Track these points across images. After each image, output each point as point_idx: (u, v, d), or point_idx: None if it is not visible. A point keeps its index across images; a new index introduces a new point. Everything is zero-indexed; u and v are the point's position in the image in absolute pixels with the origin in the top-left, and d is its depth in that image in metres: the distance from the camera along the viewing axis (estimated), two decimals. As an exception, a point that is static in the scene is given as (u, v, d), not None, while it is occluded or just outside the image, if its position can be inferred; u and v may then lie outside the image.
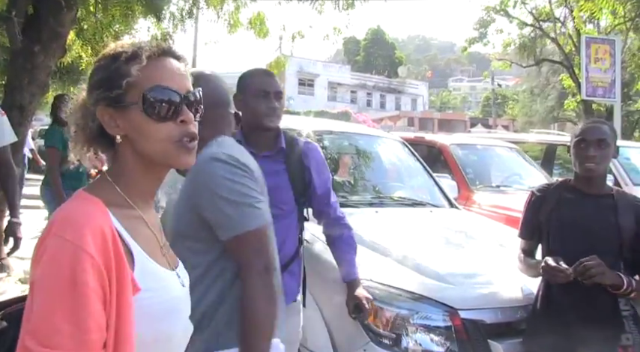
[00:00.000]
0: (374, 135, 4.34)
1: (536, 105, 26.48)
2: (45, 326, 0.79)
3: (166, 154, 0.98)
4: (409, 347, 2.15)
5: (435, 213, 3.45)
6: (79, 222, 0.88)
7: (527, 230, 2.33)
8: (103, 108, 0.98)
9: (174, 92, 0.98)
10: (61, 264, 0.83)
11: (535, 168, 5.79)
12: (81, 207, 0.93)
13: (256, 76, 2.13)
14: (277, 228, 2.03)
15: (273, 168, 2.09)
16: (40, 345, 0.78)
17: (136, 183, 1.02)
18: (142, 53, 0.98)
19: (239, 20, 7.20)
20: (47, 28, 5.14)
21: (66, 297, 0.81)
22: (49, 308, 0.80)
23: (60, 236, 0.85)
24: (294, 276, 2.16)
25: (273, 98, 2.06)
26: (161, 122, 0.97)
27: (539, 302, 2.19)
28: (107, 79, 0.98)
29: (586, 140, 2.12)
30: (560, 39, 15.70)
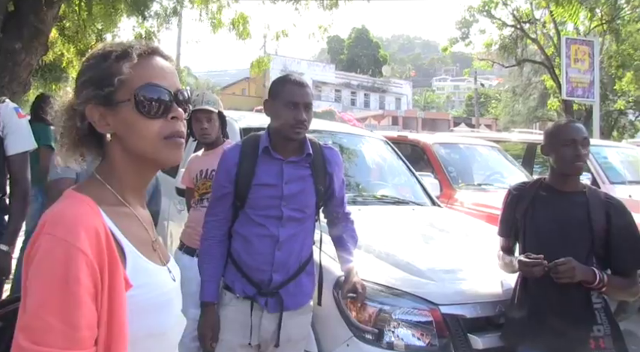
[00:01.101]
0: (357, 134, 4.39)
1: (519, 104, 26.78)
2: (37, 324, 0.81)
3: (156, 151, 0.99)
4: (391, 341, 2.19)
5: (417, 211, 3.51)
6: (71, 220, 0.88)
7: (505, 228, 2.39)
8: (93, 107, 0.99)
9: (166, 90, 1.00)
10: (54, 262, 0.84)
11: (516, 166, 5.88)
12: (72, 206, 0.93)
13: (288, 85, 2.12)
14: (300, 231, 2.14)
15: (299, 173, 2.14)
16: (33, 343, 0.79)
17: (126, 180, 1.02)
18: (132, 51, 0.99)
19: (221, 21, 7.17)
20: (28, 25, 5.08)
21: (58, 295, 0.82)
22: (42, 306, 0.81)
23: (52, 234, 0.86)
24: (310, 276, 2.21)
25: (302, 110, 2.06)
26: (152, 119, 0.98)
27: (516, 296, 2.25)
28: (98, 78, 0.98)
29: (575, 139, 2.17)
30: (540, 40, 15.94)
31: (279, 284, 2.10)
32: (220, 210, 2.18)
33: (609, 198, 2.22)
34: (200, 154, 2.90)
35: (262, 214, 2.10)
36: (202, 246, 2.21)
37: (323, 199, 2.22)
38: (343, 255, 2.28)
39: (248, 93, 40.54)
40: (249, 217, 2.12)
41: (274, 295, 2.10)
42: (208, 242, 2.18)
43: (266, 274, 2.09)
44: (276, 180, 2.11)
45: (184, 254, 2.77)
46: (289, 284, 2.13)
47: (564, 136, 2.20)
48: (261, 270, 2.09)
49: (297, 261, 2.15)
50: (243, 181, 2.10)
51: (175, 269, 1.13)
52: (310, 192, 2.16)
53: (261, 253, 2.09)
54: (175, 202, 3.78)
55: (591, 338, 2.06)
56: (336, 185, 2.26)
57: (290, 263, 2.13)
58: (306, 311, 2.22)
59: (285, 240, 2.10)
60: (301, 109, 2.06)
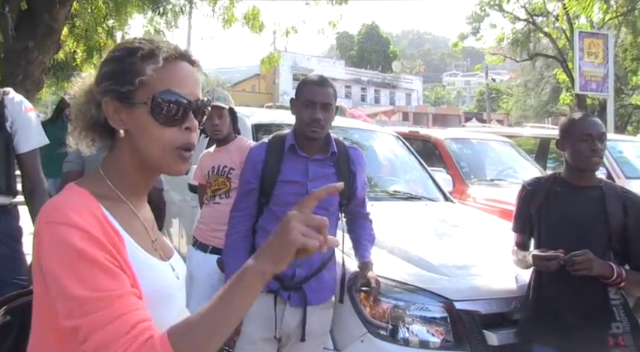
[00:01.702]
0: (369, 129, 4.37)
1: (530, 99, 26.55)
2: (68, 303, 0.83)
3: (163, 159, 0.98)
4: (406, 337, 2.18)
5: (430, 207, 3.48)
6: (69, 207, 0.89)
7: (519, 223, 2.36)
8: (110, 100, 0.97)
9: (184, 99, 0.97)
10: (60, 245, 0.85)
11: (529, 161, 5.83)
12: (69, 197, 0.94)
13: (308, 84, 2.17)
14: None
15: (324, 171, 2.19)
16: (74, 319, 0.82)
17: (127, 178, 1.01)
18: (159, 53, 0.97)
19: (234, 15, 7.19)
20: (41, 23, 5.12)
21: (70, 270, 0.83)
22: (63, 286, 0.83)
23: (49, 222, 0.87)
24: (332, 273, 2.25)
25: (318, 109, 2.09)
26: (166, 126, 0.96)
27: (531, 292, 2.22)
28: (119, 73, 0.97)
29: (592, 134, 2.14)
30: (553, 33, 15.76)
31: (302, 279, 2.14)
32: (245, 206, 2.22)
33: (626, 192, 2.19)
34: (212, 151, 2.90)
35: (287, 210, 2.09)
36: (227, 241, 2.25)
37: (346, 198, 2.23)
38: (359, 248, 2.29)
39: (258, 90, 40.62)
40: (273, 213, 2.16)
41: (297, 289, 2.14)
42: (233, 237, 2.22)
43: (289, 268, 2.11)
44: (301, 178, 2.15)
45: (197, 250, 2.78)
46: (312, 279, 2.16)
47: (581, 131, 2.16)
48: None
49: (319, 257, 2.18)
50: (269, 177, 2.15)
51: (179, 267, 1.12)
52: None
53: None
54: (187, 198, 3.79)
55: (610, 335, 2.03)
56: (358, 185, 2.29)
57: (313, 258, 2.15)
58: (328, 307, 2.25)
59: None
60: (317, 108, 2.09)
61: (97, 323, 0.81)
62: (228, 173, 2.71)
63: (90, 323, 0.81)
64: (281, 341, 2.16)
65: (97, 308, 0.81)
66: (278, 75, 36.38)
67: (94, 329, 0.81)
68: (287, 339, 2.17)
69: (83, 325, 0.81)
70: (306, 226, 0.85)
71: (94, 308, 0.81)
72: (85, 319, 0.81)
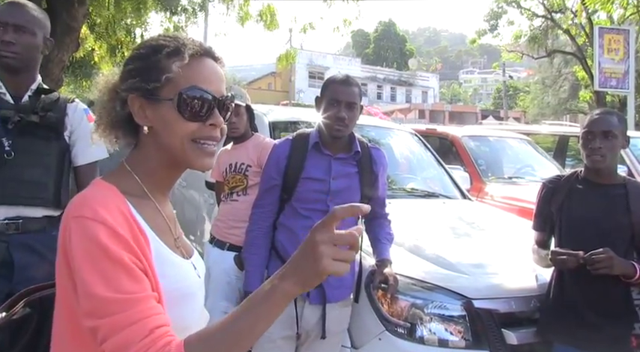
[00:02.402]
0: (386, 127, 4.35)
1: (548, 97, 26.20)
2: (90, 302, 0.83)
3: (187, 152, 0.98)
4: (424, 336, 2.17)
5: (447, 205, 3.46)
6: (96, 202, 0.90)
7: (539, 221, 2.33)
8: (135, 97, 0.98)
9: (210, 95, 0.98)
10: (87, 242, 0.85)
11: (547, 159, 5.76)
12: (97, 191, 0.95)
13: (333, 83, 2.18)
14: (343, 226, 2.12)
15: (346, 170, 2.20)
16: (94, 319, 0.82)
17: (154, 175, 1.02)
18: (184, 50, 0.98)
19: (249, 12, 7.21)
20: (60, 22, 5.19)
21: (95, 268, 0.84)
22: (87, 284, 0.84)
23: (77, 216, 0.88)
24: (350, 271, 2.23)
25: (343, 108, 2.10)
26: (191, 121, 0.97)
27: (552, 291, 2.19)
28: (145, 70, 0.98)
29: (592, 132, 2.11)
30: (572, 30, 15.53)
31: None
32: (268, 202, 2.24)
33: None
34: (229, 148, 2.91)
35: (309, 207, 2.16)
36: (248, 237, 2.26)
37: (367, 198, 2.24)
38: (377, 246, 2.29)
39: (274, 87, 40.69)
40: (295, 210, 2.17)
41: (317, 286, 2.11)
42: (254, 233, 2.23)
43: None
44: (324, 175, 2.16)
45: (214, 247, 2.79)
46: (331, 276, 2.13)
47: (584, 129, 2.15)
48: None
49: None
50: (292, 174, 2.16)
51: (200, 265, 1.13)
52: (356, 189, 2.20)
53: None
54: (205, 196, 3.81)
55: (633, 335, 2.00)
56: (380, 185, 2.30)
57: None
58: (347, 305, 2.25)
59: None
60: (342, 107, 2.10)
61: (117, 325, 0.81)
62: (245, 170, 2.72)
63: (109, 325, 0.81)
64: (299, 338, 2.17)
65: (118, 310, 0.82)
66: (294, 73, 36.41)
67: (112, 332, 0.81)
68: (306, 337, 2.18)
69: (102, 326, 0.82)
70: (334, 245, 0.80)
71: (115, 310, 0.82)
72: (105, 320, 0.81)
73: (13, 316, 1.11)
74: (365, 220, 2.38)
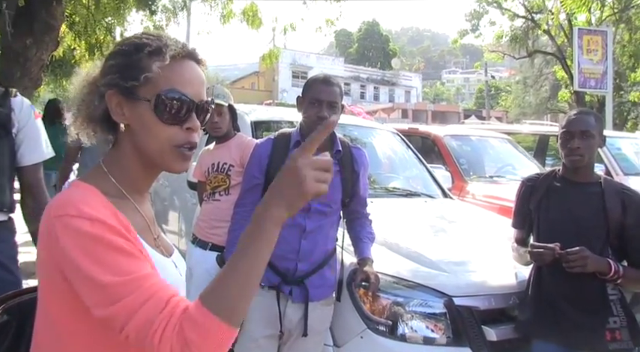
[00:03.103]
0: (368, 126, 4.36)
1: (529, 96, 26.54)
2: (96, 292, 0.83)
3: (163, 156, 0.98)
4: (405, 333, 2.19)
5: (429, 204, 3.49)
6: (77, 201, 0.89)
7: (518, 219, 2.37)
8: (114, 94, 0.97)
9: (189, 99, 0.97)
10: (73, 235, 0.85)
11: (528, 158, 5.83)
12: (76, 192, 0.94)
13: (315, 83, 2.20)
14: (324, 224, 2.22)
15: None
16: (106, 308, 0.82)
17: (130, 175, 1.01)
18: (166, 50, 0.96)
19: (232, 11, 7.17)
20: (39, 20, 5.11)
21: (91, 258, 0.83)
22: (87, 276, 0.83)
23: (60, 215, 0.87)
24: (332, 270, 2.27)
25: (325, 107, 2.12)
26: (167, 125, 0.96)
27: (530, 288, 2.23)
28: (125, 67, 0.96)
29: (570, 131, 2.15)
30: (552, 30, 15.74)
31: (303, 274, 2.16)
32: (250, 201, 2.25)
33: (625, 189, 2.19)
34: (211, 148, 2.90)
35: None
36: (230, 236, 2.27)
37: (348, 196, 2.26)
38: (358, 245, 2.31)
39: (257, 87, 40.56)
40: None
41: (299, 284, 2.16)
42: (236, 232, 2.24)
43: (291, 263, 2.15)
44: None
45: (197, 247, 2.78)
46: (313, 275, 2.19)
47: (563, 128, 2.19)
48: (286, 259, 2.15)
49: (322, 252, 2.22)
50: (274, 173, 2.12)
51: (181, 263, 1.13)
52: (337, 187, 2.22)
53: (288, 242, 2.14)
54: (187, 196, 3.79)
55: (607, 329, 2.04)
56: (361, 184, 2.32)
57: (315, 253, 2.19)
58: (329, 303, 2.27)
59: (311, 231, 2.17)
60: (324, 107, 2.12)
61: (131, 306, 0.81)
62: (227, 170, 2.71)
63: (123, 309, 0.81)
64: (282, 337, 2.17)
65: (127, 292, 0.81)
66: (277, 72, 36.34)
67: (129, 314, 0.80)
68: (288, 335, 2.19)
69: (116, 312, 0.81)
70: (315, 170, 0.85)
71: (124, 293, 0.81)
72: (117, 305, 0.81)
73: None
74: (346, 220, 2.39)
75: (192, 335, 0.78)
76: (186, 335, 0.78)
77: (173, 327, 0.79)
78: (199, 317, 0.79)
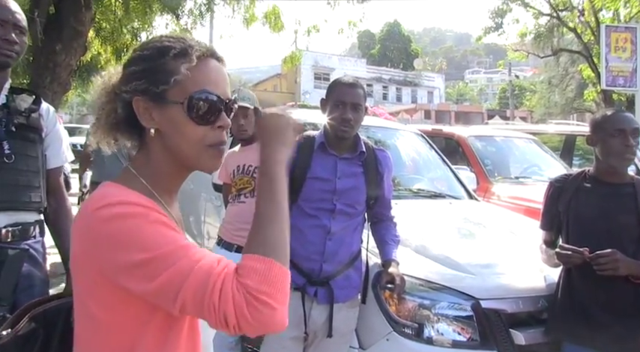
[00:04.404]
0: (392, 127, 4.35)
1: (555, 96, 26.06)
2: (146, 266, 0.84)
3: (198, 156, 0.98)
4: (432, 336, 2.17)
5: (454, 205, 3.46)
6: (116, 194, 0.91)
7: (547, 220, 2.33)
8: (140, 100, 0.96)
9: (219, 98, 0.97)
10: (116, 220, 0.87)
11: (554, 159, 5.73)
12: (111, 189, 0.95)
13: (338, 85, 2.23)
14: (349, 226, 2.23)
15: (352, 170, 2.24)
16: (157, 277, 0.83)
17: (161, 178, 1.00)
18: (192, 52, 0.96)
19: (254, 14, 7.23)
20: (68, 27, 5.24)
21: (137, 236, 0.85)
22: (135, 253, 0.84)
23: (102, 206, 0.88)
24: (357, 272, 2.27)
25: (348, 109, 2.14)
26: (200, 125, 0.96)
27: (560, 291, 2.19)
28: (151, 72, 0.96)
29: (625, 130, 2.09)
30: (578, 28, 15.43)
31: (328, 275, 2.17)
32: None
33: None
34: (237, 150, 2.93)
35: (315, 206, 2.19)
36: None
37: (373, 198, 2.27)
38: (383, 247, 2.30)
39: (280, 89, 40.72)
40: (302, 209, 2.20)
41: (324, 285, 2.16)
42: None
43: (316, 264, 2.16)
44: (330, 175, 2.20)
45: (222, 249, 2.80)
46: (339, 276, 2.19)
47: (612, 126, 2.11)
48: (311, 260, 2.16)
49: (347, 253, 2.22)
50: (299, 174, 2.19)
51: None
52: (361, 189, 2.23)
53: (313, 242, 2.15)
54: (212, 198, 3.83)
55: (641, 334, 1.99)
56: (385, 186, 2.32)
57: (340, 254, 2.20)
58: (354, 305, 2.26)
59: (337, 232, 2.18)
60: (348, 108, 2.14)
61: (183, 269, 0.82)
62: (253, 172, 2.73)
63: (176, 273, 0.82)
64: (307, 339, 2.18)
65: (177, 258, 0.83)
66: (299, 74, 36.43)
67: (182, 277, 0.82)
68: (313, 337, 2.19)
69: (168, 278, 0.82)
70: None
71: (174, 259, 0.83)
72: (169, 271, 0.82)
73: (18, 332, 1.10)
74: (371, 223, 2.39)
75: (251, 282, 0.81)
76: (245, 283, 0.81)
77: (231, 281, 0.81)
78: (252, 263, 0.84)
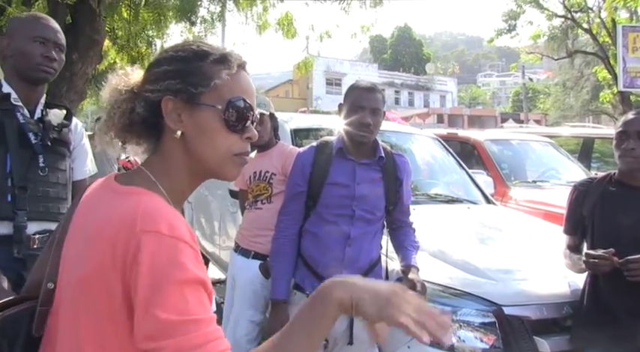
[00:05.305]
0: (407, 132, 4.32)
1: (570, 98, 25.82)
2: (158, 324, 0.78)
3: (222, 164, 0.96)
4: (453, 343, 2.13)
5: (472, 210, 3.41)
6: (167, 216, 0.84)
7: (571, 225, 2.28)
8: (170, 100, 0.93)
9: (251, 109, 0.96)
10: (163, 260, 0.80)
11: (572, 162, 5.66)
12: (157, 203, 0.88)
13: (357, 89, 2.21)
14: (368, 232, 2.20)
15: (371, 175, 2.22)
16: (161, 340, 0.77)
17: (178, 184, 0.97)
18: (232, 60, 0.96)
19: (267, 21, 7.25)
20: (84, 36, 5.29)
21: (172, 290, 0.79)
22: (158, 306, 0.78)
23: (153, 231, 0.81)
24: (377, 278, 2.23)
25: (367, 114, 2.12)
26: (230, 133, 0.95)
27: (585, 297, 2.14)
28: (188, 73, 0.93)
29: (627, 132, 2.06)
30: (593, 29, 15.27)
31: None
32: (293, 209, 2.25)
33: None
34: (253, 156, 2.92)
35: (334, 213, 2.17)
36: (274, 245, 2.27)
37: (392, 204, 2.24)
38: (402, 253, 2.27)
39: (292, 95, 40.86)
40: (321, 216, 2.18)
41: None
42: (280, 241, 2.24)
43: (336, 270, 2.11)
44: (349, 181, 2.18)
45: (239, 255, 2.79)
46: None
47: (619, 128, 2.11)
48: (331, 266, 2.13)
49: (367, 260, 2.19)
50: (317, 180, 2.17)
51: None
52: (380, 194, 2.21)
53: (332, 249, 2.14)
54: (228, 204, 3.83)
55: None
56: (404, 192, 2.29)
57: (360, 260, 2.17)
58: None
59: (356, 238, 2.15)
60: (367, 113, 2.12)
61: (181, 347, 0.77)
62: (269, 178, 2.72)
63: (173, 347, 0.77)
64: (327, 347, 2.15)
65: (183, 332, 0.77)
66: (311, 80, 36.51)
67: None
68: (334, 344, 2.16)
69: (164, 347, 0.77)
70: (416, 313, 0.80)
71: (180, 332, 0.77)
72: (169, 341, 0.77)
73: None
74: (389, 229, 2.36)
75: None
76: None
77: None
78: None
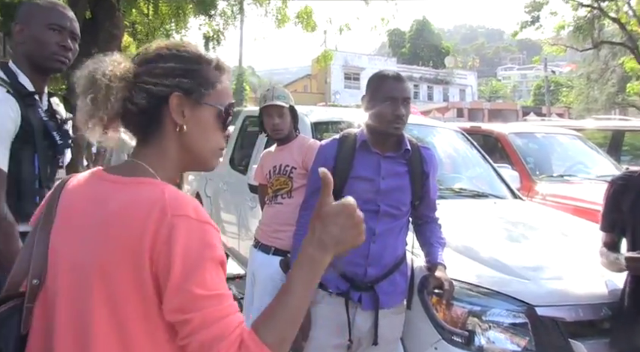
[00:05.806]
0: (430, 125, 4.21)
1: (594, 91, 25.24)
2: (187, 298, 0.86)
3: (209, 157, 1.08)
4: (483, 345, 2.04)
5: (499, 205, 3.30)
6: (192, 202, 0.93)
7: (608, 222, 2.16)
8: (177, 96, 1.00)
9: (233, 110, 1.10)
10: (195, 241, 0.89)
11: (602, 155, 5.48)
12: (170, 188, 0.95)
13: (386, 80, 2.10)
14: (394, 227, 2.12)
15: (396, 169, 2.13)
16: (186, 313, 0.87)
17: (170, 174, 1.03)
18: (225, 67, 1.08)
19: (287, 15, 7.19)
20: (104, 30, 5.31)
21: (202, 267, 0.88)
22: (188, 281, 0.87)
23: (182, 215, 0.90)
24: (403, 276, 2.17)
25: (400, 105, 2.03)
26: (219, 130, 1.07)
27: (625, 298, 2.02)
28: (197, 74, 1.02)
29: None
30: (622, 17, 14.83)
31: (373, 279, 2.06)
32: (315, 204, 2.14)
33: None
34: (273, 150, 2.85)
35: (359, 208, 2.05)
36: (295, 241, 2.20)
37: (418, 198, 2.15)
38: (428, 250, 2.19)
39: (310, 89, 40.78)
40: None
41: (369, 290, 2.06)
42: (302, 237, 2.14)
43: (360, 268, 2.06)
44: (374, 175, 2.09)
45: (259, 251, 2.73)
46: (384, 281, 2.08)
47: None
48: (355, 263, 2.05)
49: (392, 257, 2.11)
50: (341, 174, 2.08)
51: None
52: (406, 188, 2.12)
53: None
54: (247, 199, 3.77)
55: None
56: (430, 186, 2.19)
57: (385, 257, 2.08)
58: (400, 311, 2.16)
59: (381, 234, 2.06)
60: (400, 104, 2.03)
61: (207, 319, 0.86)
62: (290, 172, 2.64)
63: (200, 319, 0.86)
64: (351, 347, 2.07)
65: (209, 305, 0.87)
66: (329, 74, 36.38)
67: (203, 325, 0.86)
68: (358, 345, 2.09)
69: (191, 319, 0.86)
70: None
71: (207, 304, 0.87)
72: (196, 313, 0.86)
73: None
74: (415, 225, 2.27)
75: None
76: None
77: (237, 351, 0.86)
78: (255, 348, 0.87)
